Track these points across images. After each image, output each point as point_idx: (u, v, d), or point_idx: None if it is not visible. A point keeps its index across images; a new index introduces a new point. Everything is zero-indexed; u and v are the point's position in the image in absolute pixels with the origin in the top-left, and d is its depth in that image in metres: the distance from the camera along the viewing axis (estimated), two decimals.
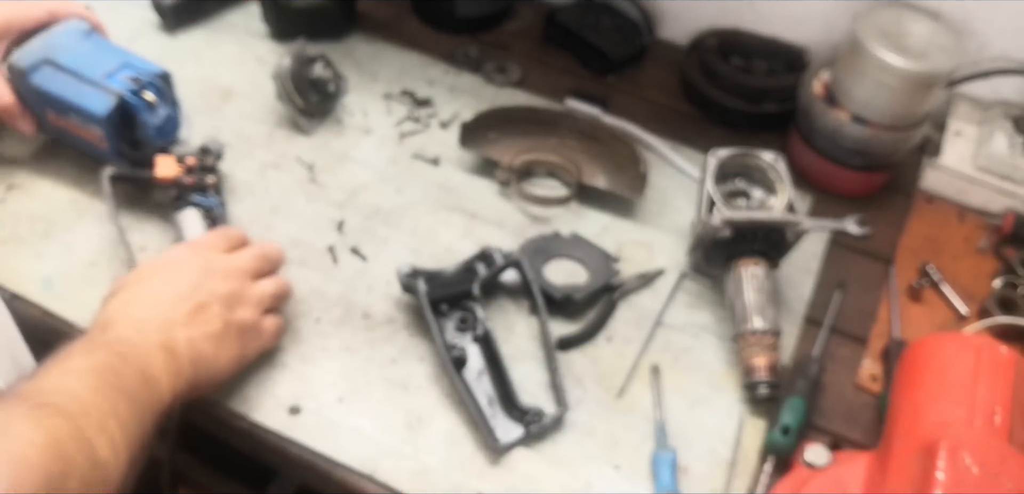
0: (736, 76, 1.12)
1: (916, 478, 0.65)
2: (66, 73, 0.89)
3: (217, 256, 0.80)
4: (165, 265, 0.79)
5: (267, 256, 0.83)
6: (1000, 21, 1.04)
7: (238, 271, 0.79)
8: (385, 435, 0.78)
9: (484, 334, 0.83)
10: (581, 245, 0.94)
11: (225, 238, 0.83)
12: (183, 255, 0.80)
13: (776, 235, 0.87)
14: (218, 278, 0.77)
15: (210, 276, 0.77)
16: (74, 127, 0.90)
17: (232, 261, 0.80)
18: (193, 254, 0.80)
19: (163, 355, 0.71)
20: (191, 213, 0.89)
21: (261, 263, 0.82)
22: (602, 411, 0.81)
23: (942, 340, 0.76)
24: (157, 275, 0.77)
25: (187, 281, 0.76)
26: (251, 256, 0.81)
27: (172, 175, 0.89)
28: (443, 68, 1.16)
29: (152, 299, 0.74)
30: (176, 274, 0.77)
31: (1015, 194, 1.01)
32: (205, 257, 0.79)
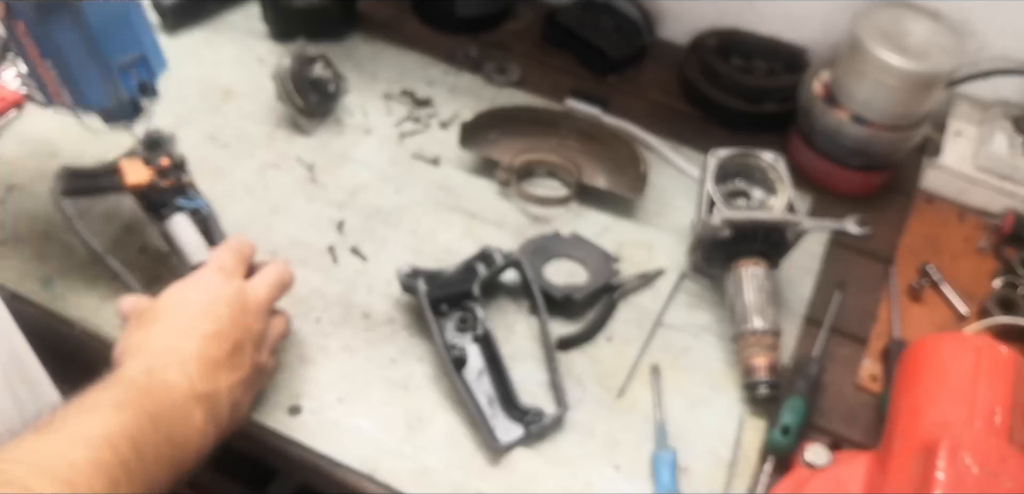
0: (736, 76, 1.12)
1: (916, 478, 0.65)
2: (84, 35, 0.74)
3: (245, 287, 0.75)
4: (199, 293, 0.72)
5: (283, 283, 0.78)
6: (1000, 21, 1.04)
7: (264, 308, 0.75)
8: (385, 435, 0.78)
9: (484, 334, 0.83)
10: (581, 245, 0.94)
11: (243, 258, 0.78)
12: (215, 281, 0.73)
13: (776, 235, 0.87)
14: (252, 314, 0.73)
15: (245, 312, 0.73)
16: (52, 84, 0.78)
17: (258, 294, 0.75)
18: (224, 283, 0.73)
19: (204, 409, 0.66)
20: (182, 220, 0.81)
21: (279, 294, 0.78)
22: (602, 411, 0.81)
23: (942, 340, 0.76)
24: (193, 304, 0.71)
25: (227, 315, 0.71)
26: (270, 286, 0.77)
27: (144, 181, 0.80)
28: (443, 68, 1.16)
29: (193, 333, 0.69)
30: (215, 304, 0.71)
31: (1015, 194, 1.01)
32: (236, 289, 0.73)
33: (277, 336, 0.78)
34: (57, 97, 0.79)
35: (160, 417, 0.63)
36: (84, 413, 0.60)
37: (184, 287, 0.73)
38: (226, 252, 0.77)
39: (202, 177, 0.98)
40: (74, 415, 0.60)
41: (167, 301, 0.72)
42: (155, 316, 0.71)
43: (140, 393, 0.63)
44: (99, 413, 0.60)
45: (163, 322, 0.70)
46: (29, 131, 1.02)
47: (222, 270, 0.75)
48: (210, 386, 0.67)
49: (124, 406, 0.61)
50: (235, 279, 0.74)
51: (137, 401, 0.62)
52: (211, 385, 0.67)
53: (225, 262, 0.76)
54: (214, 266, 0.75)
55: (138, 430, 0.60)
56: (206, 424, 0.66)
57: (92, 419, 0.59)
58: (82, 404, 0.61)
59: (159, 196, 0.81)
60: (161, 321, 0.70)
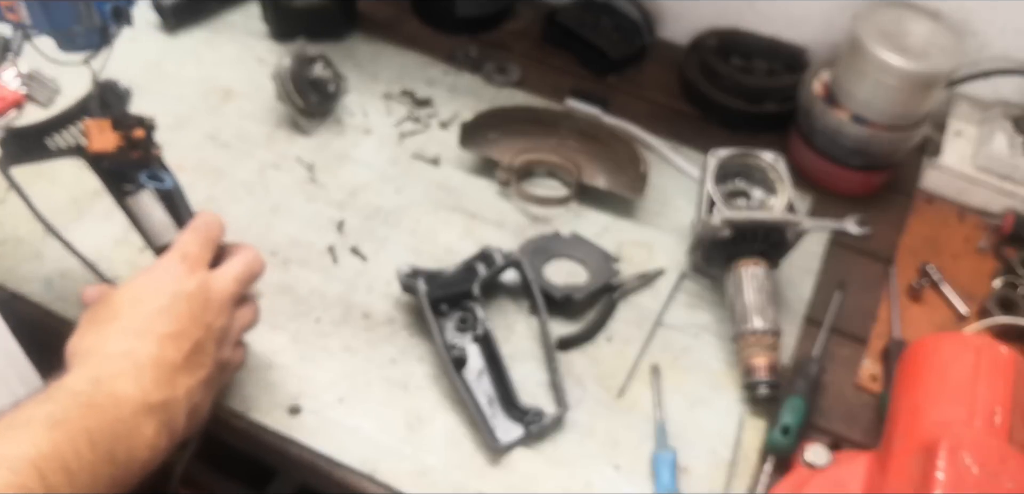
0: (736, 76, 1.12)
1: (916, 478, 0.65)
2: None
3: (208, 281, 0.69)
4: (158, 288, 0.67)
5: (251, 273, 0.73)
6: (1000, 21, 1.04)
7: (229, 301, 0.70)
8: (385, 435, 0.78)
9: (484, 334, 0.83)
10: (581, 245, 0.94)
11: (210, 242, 0.72)
12: (176, 274, 0.68)
13: (776, 235, 0.87)
14: (214, 310, 0.68)
15: (207, 307, 0.67)
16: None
17: (223, 287, 0.70)
18: (185, 276, 0.68)
19: (157, 420, 0.62)
20: (148, 198, 0.73)
21: (246, 284, 0.73)
22: (602, 411, 0.81)
23: (942, 340, 0.76)
24: (150, 300, 0.66)
25: (186, 312, 0.66)
26: (238, 279, 0.71)
27: (111, 148, 0.70)
28: (443, 68, 1.16)
29: (150, 333, 0.64)
30: (174, 302, 0.66)
31: (1015, 194, 1.01)
32: (199, 283, 0.68)
33: (242, 327, 0.73)
34: (8, 12, 0.68)
35: (101, 434, 0.58)
36: (13, 430, 0.55)
37: (142, 281, 0.68)
38: (191, 237, 0.71)
39: (202, 177, 0.98)
40: (3, 432, 0.55)
41: (124, 296, 0.67)
42: (111, 313, 0.65)
43: (81, 408, 0.58)
44: (29, 431, 0.55)
45: (118, 321, 0.65)
46: None
47: (186, 259, 0.69)
48: (165, 394, 0.63)
49: (59, 423, 0.56)
50: (198, 270, 0.69)
51: (76, 417, 0.57)
52: (167, 393, 0.63)
53: (189, 249, 0.70)
54: (177, 255, 0.69)
55: (73, 452, 0.55)
56: (158, 436, 0.62)
57: (20, 438, 0.54)
58: (13, 419, 0.56)
59: (124, 168, 0.72)
60: (116, 320, 0.65)
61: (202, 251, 0.70)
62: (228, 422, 0.79)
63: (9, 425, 0.55)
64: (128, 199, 0.73)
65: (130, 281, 0.68)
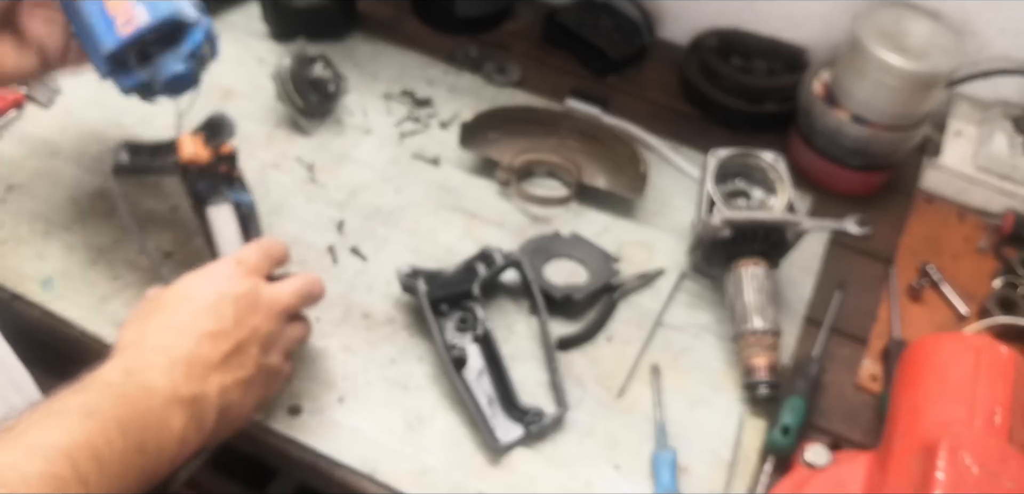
0: (736, 76, 1.12)
1: (916, 478, 0.65)
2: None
3: (260, 287, 0.71)
4: (208, 287, 0.69)
5: (310, 294, 0.75)
6: (1000, 21, 1.04)
7: (281, 311, 0.72)
8: (385, 435, 0.78)
9: (484, 334, 0.83)
10: (581, 245, 0.94)
11: (269, 258, 0.74)
12: (228, 275, 0.70)
13: (776, 235, 0.87)
14: (262, 315, 0.69)
15: (255, 311, 0.69)
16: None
17: (277, 296, 0.72)
18: (240, 278, 0.70)
19: (186, 414, 0.62)
20: (226, 210, 0.78)
21: (302, 302, 0.75)
22: (602, 411, 0.81)
23: (942, 340, 0.76)
24: (198, 298, 0.68)
25: (231, 313, 0.67)
26: (295, 293, 0.73)
27: (201, 159, 0.77)
28: (443, 68, 1.16)
29: (191, 330, 0.66)
30: (221, 301, 0.68)
31: (1015, 194, 1.01)
32: (248, 286, 0.70)
33: (293, 341, 0.75)
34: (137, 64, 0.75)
35: (131, 425, 0.59)
36: (49, 419, 0.56)
37: (194, 278, 0.70)
38: (252, 248, 0.74)
39: None
40: (38, 421, 0.56)
41: (173, 293, 0.69)
42: (158, 308, 0.68)
43: (114, 398, 0.59)
44: (63, 420, 0.56)
45: (163, 316, 0.67)
46: (29, 131, 1.02)
47: (240, 265, 0.71)
48: (197, 389, 0.64)
49: (93, 413, 0.57)
50: (251, 277, 0.71)
51: (109, 407, 0.58)
52: (198, 388, 0.64)
53: (246, 257, 0.73)
54: (233, 259, 0.72)
55: (104, 441, 0.56)
56: (186, 429, 0.62)
57: (55, 427, 0.56)
58: (49, 408, 0.58)
59: (209, 181, 0.78)
60: (161, 315, 0.67)
61: (259, 262, 0.73)
62: None
63: (45, 413, 0.57)
64: (209, 208, 0.78)
65: (182, 278, 0.70)
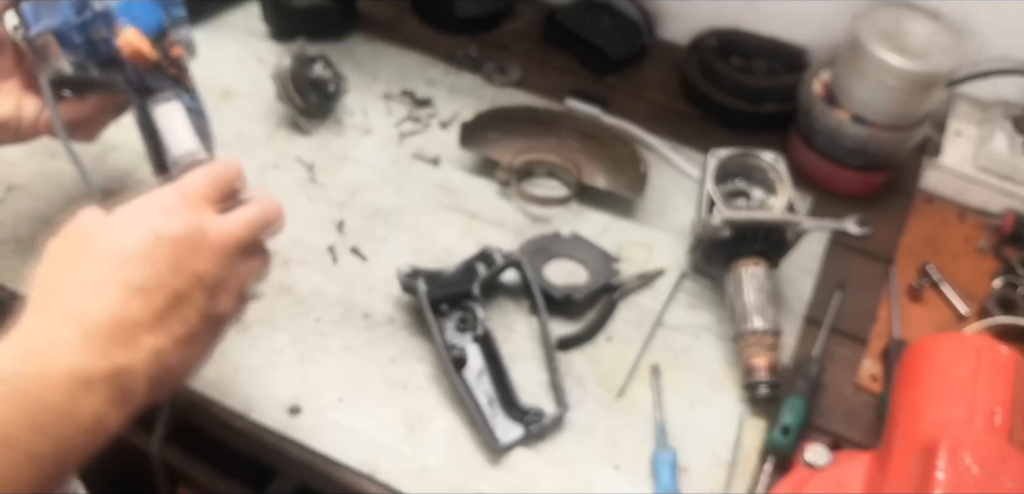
0: (736, 76, 1.12)
1: (916, 478, 0.65)
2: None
3: (203, 223, 0.58)
4: (138, 226, 0.56)
5: (267, 222, 0.64)
6: (1000, 21, 1.04)
7: (232, 249, 0.60)
8: (385, 435, 0.78)
9: (484, 334, 0.83)
10: (581, 245, 0.94)
11: (218, 184, 0.62)
12: (165, 209, 0.57)
13: (776, 235, 0.87)
14: (207, 257, 0.57)
15: (198, 253, 0.57)
16: None
17: (227, 231, 0.60)
18: (175, 214, 0.57)
19: (102, 394, 0.51)
20: (175, 108, 0.66)
21: (259, 233, 0.63)
22: (602, 411, 0.81)
23: (942, 340, 0.76)
24: (126, 241, 0.55)
25: (168, 259, 0.55)
26: (248, 225, 0.62)
27: (144, 51, 0.65)
28: (443, 68, 1.16)
29: (115, 285, 0.53)
30: (155, 245, 0.55)
31: (1015, 194, 1.01)
32: (189, 223, 0.57)
33: (247, 278, 0.63)
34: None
35: (23, 427, 0.48)
36: None
37: (127, 214, 0.57)
38: (199, 174, 0.61)
39: None
40: None
41: (101, 229, 0.56)
42: (79, 248, 0.55)
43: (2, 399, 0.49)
44: None
45: (81, 267, 0.54)
46: None
47: (183, 195, 0.59)
48: (120, 360, 0.52)
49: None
50: (195, 210, 0.59)
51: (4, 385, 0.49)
52: (122, 358, 0.52)
53: (192, 186, 0.60)
54: (175, 189, 0.59)
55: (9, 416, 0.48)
56: (103, 409, 0.51)
57: None
58: None
59: (155, 80, 0.67)
60: (79, 265, 0.54)
61: (207, 190, 0.61)
62: (228, 422, 0.79)
63: None
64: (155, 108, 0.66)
65: (116, 211, 0.57)
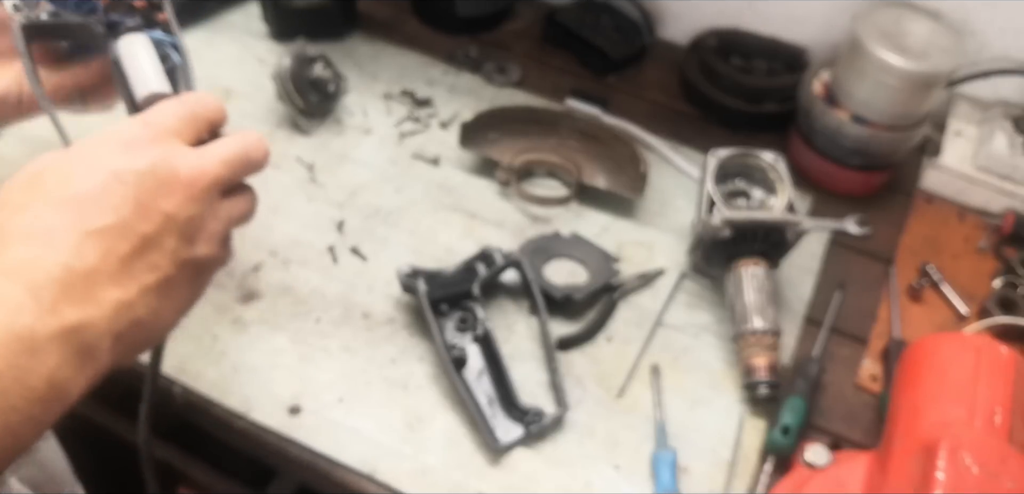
0: (736, 76, 1.12)
1: (916, 478, 0.65)
2: None
3: (172, 157, 0.52)
4: (96, 162, 0.50)
5: (248, 157, 0.56)
6: (1000, 21, 1.04)
7: (208, 185, 0.53)
8: (385, 435, 0.78)
9: (484, 334, 0.83)
10: (581, 245, 0.94)
11: (192, 117, 0.55)
12: (127, 143, 0.51)
13: (776, 235, 0.87)
14: (179, 196, 0.51)
15: (167, 191, 0.51)
16: None
17: (201, 166, 0.53)
18: (145, 145, 0.51)
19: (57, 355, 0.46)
20: (141, 42, 0.58)
21: (238, 170, 0.56)
22: (602, 411, 0.81)
23: (942, 340, 0.76)
24: (82, 179, 0.49)
25: (131, 198, 0.49)
26: (225, 160, 0.54)
27: None
28: (443, 68, 1.16)
29: (69, 230, 0.47)
30: (114, 182, 0.49)
31: (1015, 194, 1.01)
32: (161, 155, 0.51)
33: (230, 220, 0.56)
34: None
35: None
36: None
37: (79, 150, 0.51)
38: (168, 105, 0.55)
39: None
40: None
41: (54, 166, 0.50)
42: (31, 188, 0.49)
43: None
44: None
45: (33, 211, 0.48)
46: (29, 131, 1.02)
47: (147, 126, 0.52)
48: (75, 316, 0.46)
49: None
50: (162, 143, 0.52)
51: None
52: (78, 314, 0.46)
53: (158, 117, 0.53)
54: (138, 120, 0.53)
55: None
56: (59, 373, 0.46)
57: None
58: None
59: (123, 13, 0.59)
60: (29, 208, 0.48)
61: (177, 123, 0.54)
62: (228, 422, 0.79)
63: None
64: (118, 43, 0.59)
65: (75, 144, 0.52)
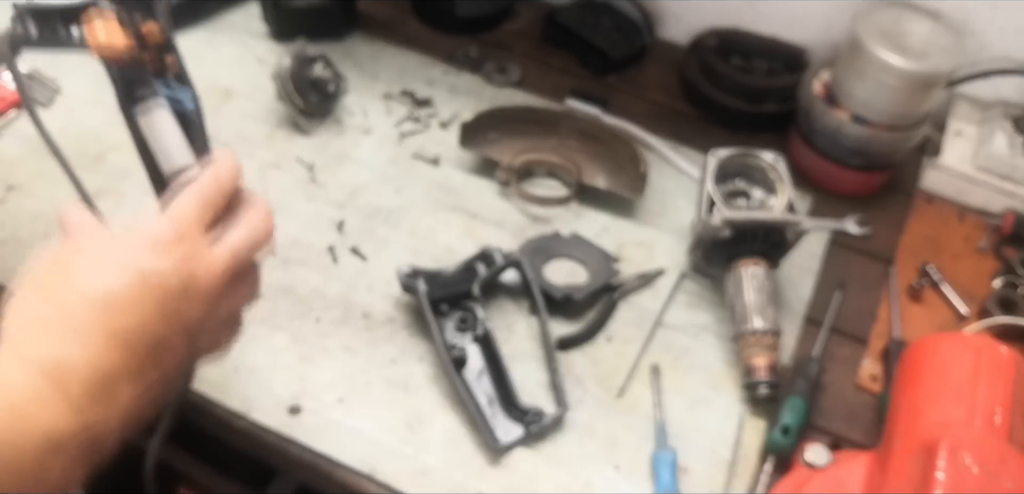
0: (736, 76, 1.12)
1: (916, 478, 0.65)
2: None
3: (195, 265, 0.53)
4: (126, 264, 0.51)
5: (257, 243, 0.58)
6: (1000, 21, 1.04)
7: (220, 285, 0.55)
8: (385, 435, 0.78)
9: (484, 334, 0.83)
10: (581, 245, 0.94)
11: (212, 203, 0.56)
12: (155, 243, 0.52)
13: (776, 235, 0.87)
14: (193, 300, 0.53)
15: (185, 298, 0.53)
16: None
17: (215, 268, 0.55)
18: (171, 246, 0.52)
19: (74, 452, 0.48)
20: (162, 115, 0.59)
21: (249, 255, 0.58)
22: (602, 411, 0.81)
23: (942, 340, 0.76)
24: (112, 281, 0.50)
25: (153, 303, 0.51)
26: (238, 252, 0.57)
27: (119, 47, 0.57)
28: (443, 68, 1.16)
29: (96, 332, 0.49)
30: (142, 288, 0.51)
31: (1015, 194, 1.01)
32: (185, 260, 0.53)
33: (235, 309, 0.59)
34: None
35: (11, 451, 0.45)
36: None
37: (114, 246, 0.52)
38: (191, 199, 0.55)
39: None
40: None
41: (83, 261, 0.52)
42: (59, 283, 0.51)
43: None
44: None
45: (63, 303, 0.50)
46: (29, 131, 1.01)
47: (173, 225, 0.53)
48: (96, 415, 0.48)
49: None
50: (186, 243, 0.53)
51: None
52: (98, 413, 0.49)
53: (183, 215, 0.54)
54: (167, 222, 0.54)
55: None
56: (70, 469, 0.48)
57: None
58: None
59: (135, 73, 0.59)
60: (62, 302, 0.50)
61: (201, 213, 0.55)
62: (228, 422, 0.79)
63: None
64: (140, 114, 0.59)
65: (101, 238, 0.53)
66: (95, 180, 0.95)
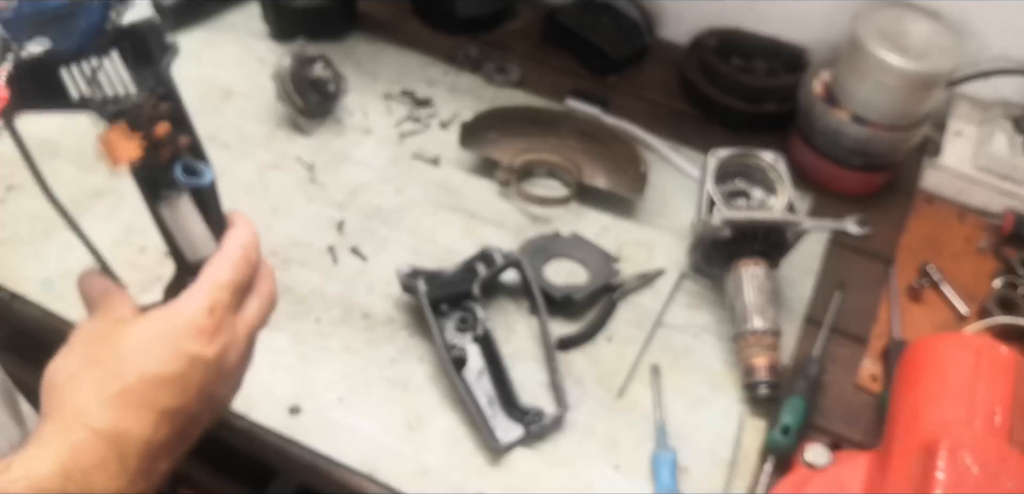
0: (736, 76, 1.12)
1: (916, 478, 0.65)
2: None
3: (234, 336, 0.58)
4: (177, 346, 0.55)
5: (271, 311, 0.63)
6: (1000, 21, 1.04)
7: (246, 356, 0.60)
8: (385, 435, 0.78)
9: (484, 334, 0.83)
10: (581, 245, 0.94)
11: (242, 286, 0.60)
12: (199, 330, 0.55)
13: (776, 235, 0.87)
14: (223, 379, 0.57)
15: (221, 379, 0.57)
16: None
17: (242, 346, 0.59)
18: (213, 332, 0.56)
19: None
20: (188, 210, 0.62)
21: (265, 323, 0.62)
22: (602, 411, 0.81)
23: (942, 340, 0.76)
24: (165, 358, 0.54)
25: (196, 385, 0.55)
26: (258, 325, 0.61)
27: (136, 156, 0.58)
28: (443, 68, 1.16)
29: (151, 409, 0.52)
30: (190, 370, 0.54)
31: (1015, 194, 1.01)
32: (224, 345, 0.57)
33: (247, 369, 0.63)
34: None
35: None
36: None
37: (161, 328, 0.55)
38: (228, 280, 0.58)
39: None
40: None
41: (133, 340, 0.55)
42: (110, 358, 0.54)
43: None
44: None
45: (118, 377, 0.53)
46: (29, 131, 1.02)
47: (214, 314, 0.56)
48: (142, 484, 0.52)
49: None
50: (225, 330, 0.57)
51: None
52: (143, 484, 0.52)
53: (222, 297, 0.57)
54: (207, 305, 0.56)
55: None
56: None
57: None
58: None
59: (156, 172, 0.60)
60: (116, 375, 0.53)
61: (234, 299, 0.59)
62: (228, 422, 0.79)
63: None
64: (163, 207, 0.61)
65: (145, 320, 0.56)
66: (95, 180, 0.95)
